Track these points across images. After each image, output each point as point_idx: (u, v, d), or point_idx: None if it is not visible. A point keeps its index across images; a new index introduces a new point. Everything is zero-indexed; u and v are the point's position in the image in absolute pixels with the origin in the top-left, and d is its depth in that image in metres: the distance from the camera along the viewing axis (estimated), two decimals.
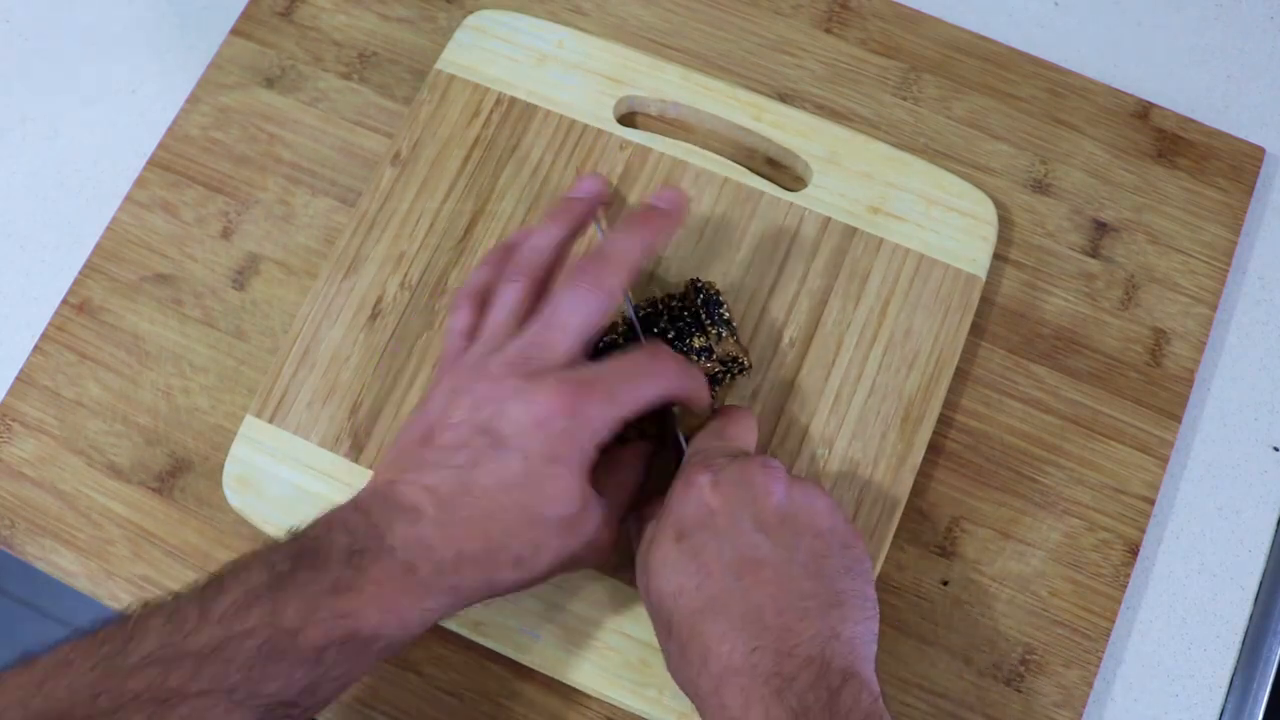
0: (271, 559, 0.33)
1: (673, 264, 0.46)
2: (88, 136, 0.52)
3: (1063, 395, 0.46)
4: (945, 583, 0.44)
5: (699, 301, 0.42)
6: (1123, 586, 0.44)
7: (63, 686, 0.30)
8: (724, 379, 0.42)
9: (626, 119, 0.49)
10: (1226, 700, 0.44)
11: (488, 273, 0.41)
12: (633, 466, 0.40)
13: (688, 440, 0.41)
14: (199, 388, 0.47)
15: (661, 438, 0.42)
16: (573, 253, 0.42)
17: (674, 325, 0.41)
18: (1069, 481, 0.45)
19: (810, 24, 0.51)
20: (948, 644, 0.43)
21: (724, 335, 0.41)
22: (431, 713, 0.43)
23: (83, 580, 0.45)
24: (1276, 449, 0.47)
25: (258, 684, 0.31)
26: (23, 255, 0.50)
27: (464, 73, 0.48)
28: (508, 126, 0.48)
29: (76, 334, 0.48)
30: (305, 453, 0.44)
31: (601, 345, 0.41)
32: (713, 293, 0.42)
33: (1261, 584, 0.45)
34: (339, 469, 0.43)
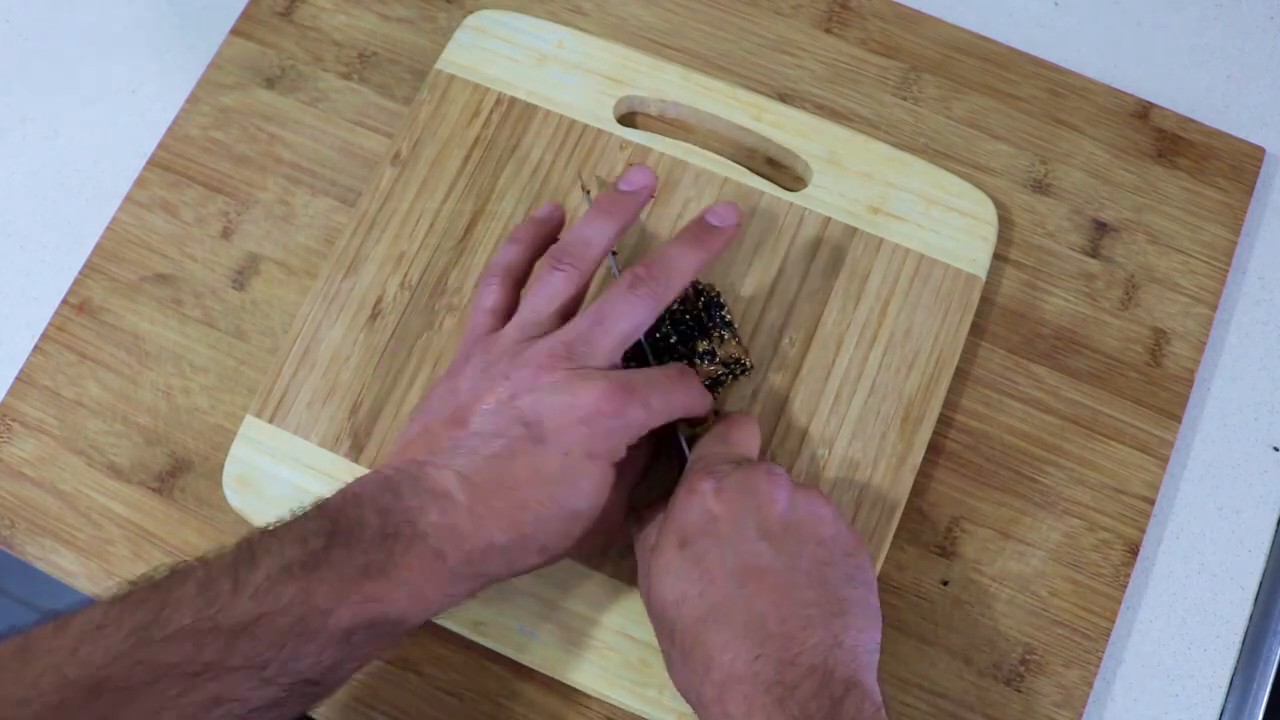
0: (304, 533, 0.33)
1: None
2: (88, 136, 0.52)
3: (1063, 395, 0.46)
4: (945, 583, 0.44)
5: (700, 304, 0.42)
6: (1123, 586, 0.44)
7: (98, 653, 0.30)
8: (726, 380, 0.42)
9: (626, 119, 0.49)
10: (1226, 700, 0.44)
11: (518, 251, 0.41)
12: (641, 447, 0.40)
13: (689, 443, 0.41)
14: (199, 388, 0.47)
15: (662, 436, 0.42)
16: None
17: (676, 329, 0.41)
18: (1069, 481, 0.45)
19: (810, 24, 0.51)
20: (948, 644, 0.43)
21: (726, 337, 0.41)
22: (431, 713, 0.43)
23: (83, 580, 0.45)
24: (1276, 449, 0.47)
25: (288, 662, 0.31)
26: (23, 255, 0.50)
27: (464, 73, 0.48)
28: (508, 126, 0.48)
29: (76, 334, 0.48)
30: (305, 453, 0.44)
31: None
32: (713, 295, 0.42)
33: (1261, 584, 0.45)
34: (339, 469, 0.43)
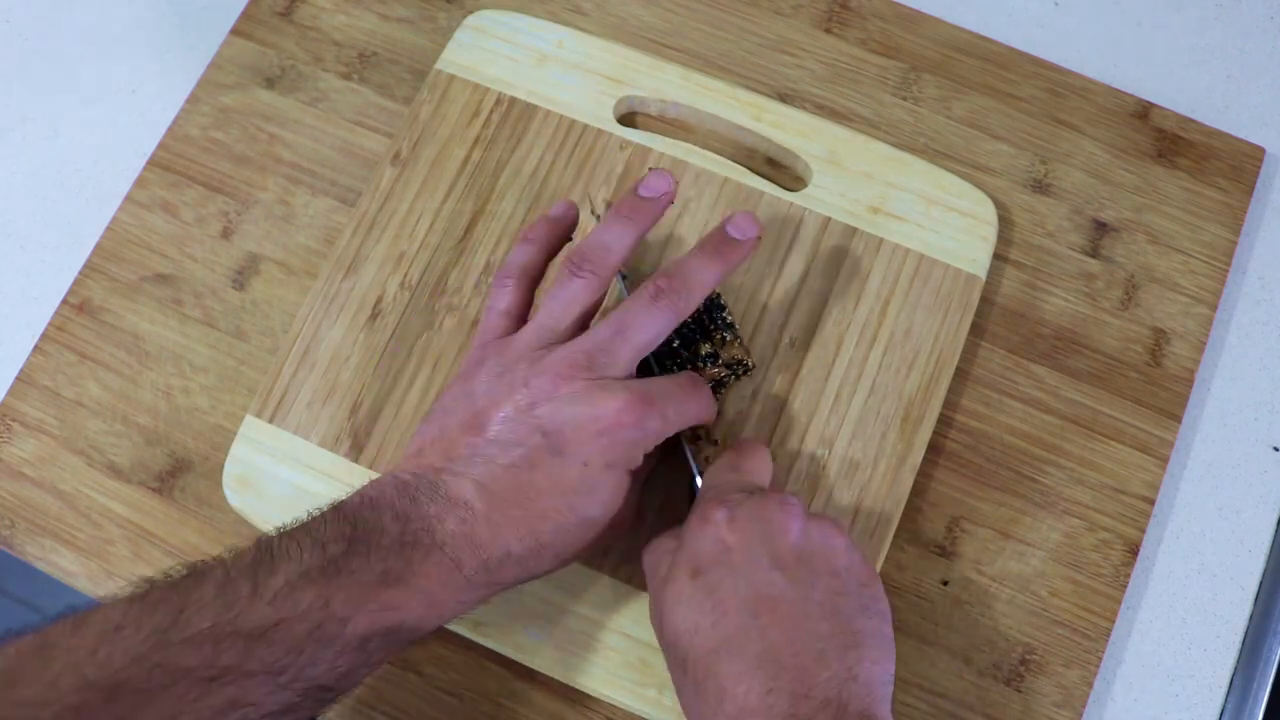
0: (323, 538, 0.33)
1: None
2: (88, 136, 0.52)
3: (1063, 395, 0.46)
4: (945, 583, 0.44)
5: (701, 307, 0.42)
6: (1123, 586, 0.44)
7: (117, 654, 0.30)
8: (729, 381, 0.42)
9: (626, 119, 0.49)
10: (1226, 700, 0.44)
11: (533, 251, 0.40)
12: (653, 453, 0.40)
13: (692, 451, 0.41)
14: (199, 388, 0.47)
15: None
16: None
17: (678, 331, 0.41)
18: (1069, 481, 0.45)
19: (810, 24, 0.51)
20: (948, 644, 0.43)
21: (728, 339, 0.41)
22: (431, 713, 0.43)
23: (83, 580, 0.45)
24: (1276, 449, 0.47)
25: (304, 668, 0.31)
26: (23, 255, 0.50)
27: (464, 73, 0.48)
28: (508, 126, 0.48)
29: (76, 334, 0.48)
30: (305, 453, 0.44)
31: None
32: (714, 296, 0.42)
33: (1261, 584, 0.45)
34: (339, 469, 0.43)
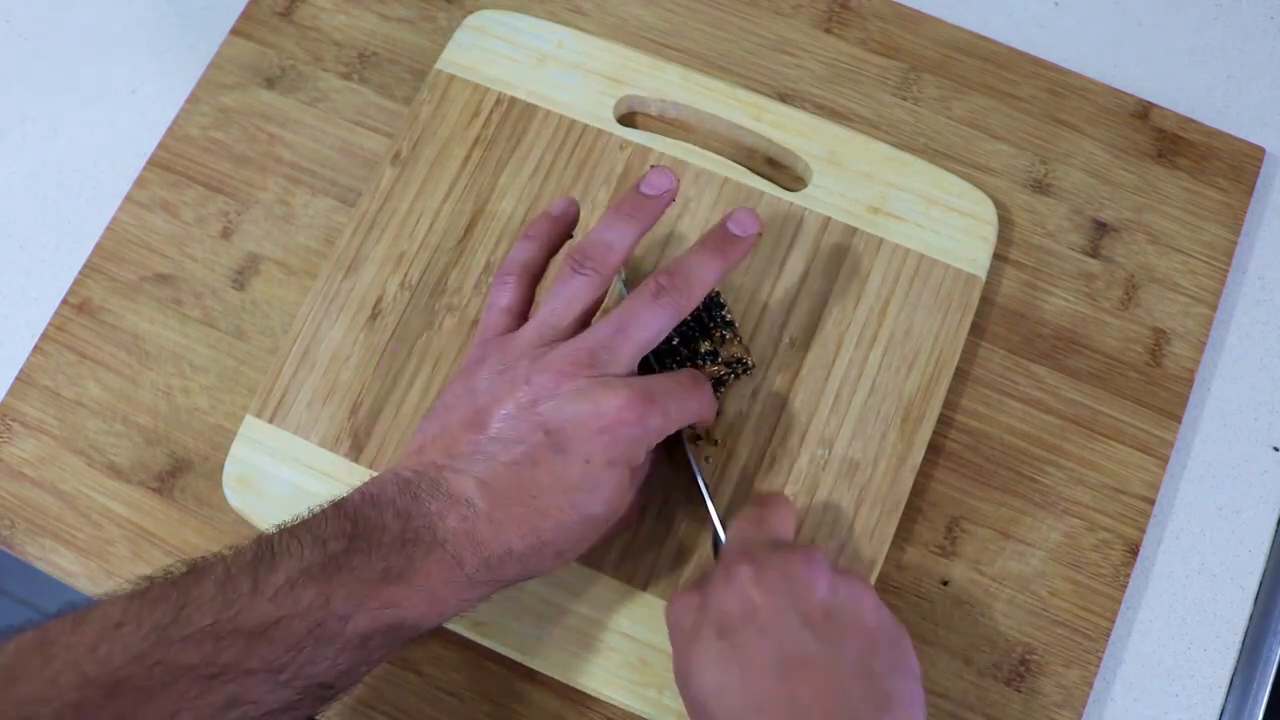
0: (323, 535, 0.33)
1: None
2: (88, 136, 0.52)
3: (1063, 395, 0.46)
4: (945, 583, 0.44)
5: (701, 305, 0.42)
6: (1123, 586, 0.44)
7: (117, 651, 0.30)
8: (729, 380, 0.42)
9: (626, 119, 0.49)
10: (1226, 700, 0.44)
11: (533, 249, 0.40)
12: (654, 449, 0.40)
13: (693, 451, 0.41)
14: (199, 388, 0.47)
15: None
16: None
17: (678, 330, 0.41)
18: (1069, 481, 0.45)
19: (810, 24, 0.51)
20: (948, 644, 0.43)
21: (728, 337, 0.41)
22: (431, 713, 0.43)
23: (83, 580, 0.45)
24: (1276, 449, 0.47)
25: (304, 665, 0.31)
26: (23, 255, 0.50)
27: (464, 73, 0.48)
28: (508, 126, 0.48)
29: (76, 334, 0.48)
30: (305, 453, 0.44)
31: None
32: (714, 295, 0.42)
33: (1261, 584, 0.45)
34: (339, 469, 0.43)
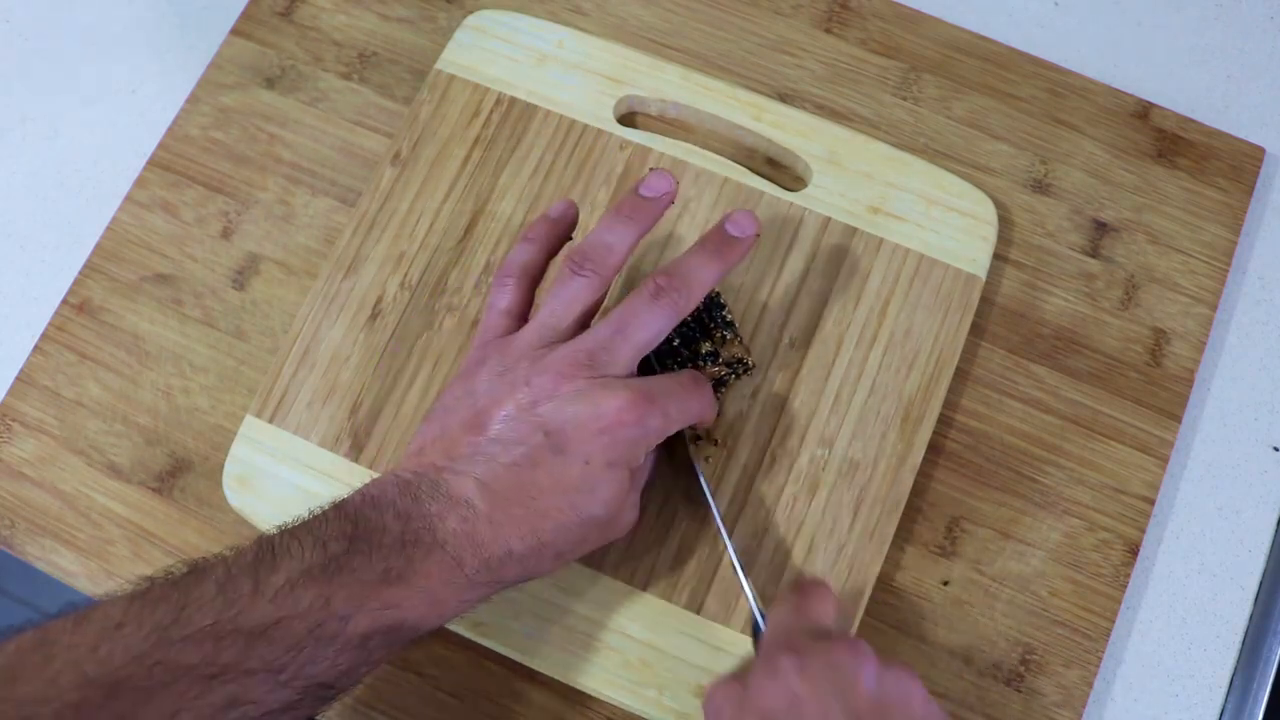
0: (324, 536, 0.33)
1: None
2: (88, 136, 0.52)
3: (1063, 395, 0.46)
4: (945, 583, 0.44)
5: (701, 305, 0.42)
6: (1123, 586, 0.44)
7: (117, 652, 0.30)
8: (729, 380, 0.42)
9: (626, 119, 0.49)
10: (1226, 700, 0.44)
11: (533, 251, 0.40)
12: (655, 450, 0.40)
13: (695, 453, 0.41)
14: (199, 388, 0.47)
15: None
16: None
17: (678, 330, 0.41)
18: (1069, 481, 0.45)
19: (810, 24, 0.51)
20: (948, 644, 0.43)
21: (728, 338, 0.41)
22: (431, 713, 0.43)
23: (83, 580, 0.45)
24: (1276, 449, 0.47)
25: (304, 666, 0.32)
26: (23, 255, 0.50)
27: (464, 73, 0.48)
28: (508, 126, 0.48)
29: (76, 334, 0.48)
30: (305, 453, 0.44)
31: None
32: (714, 295, 0.42)
33: (1261, 584, 0.45)
34: (339, 469, 0.43)
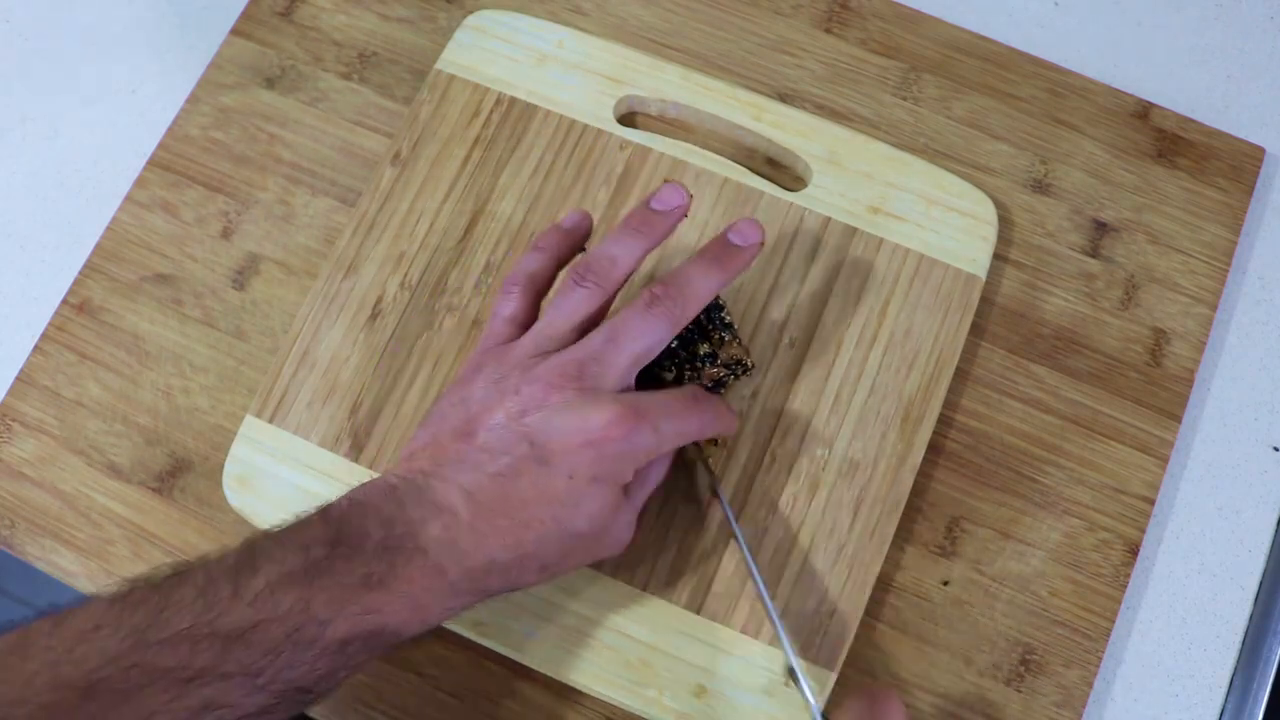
0: (306, 540, 0.33)
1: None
2: (88, 136, 0.52)
3: (1063, 395, 0.46)
4: (945, 583, 0.44)
5: None
6: (1123, 586, 0.44)
7: (94, 654, 0.30)
8: (728, 381, 0.42)
9: (626, 119, 0.49)
10: (1226, 700, 0.44)
11: (542, 260, 0.40)
12: (657, 466, 0.40)
13: (709, 467, 0.41)
14: (199, 388, 0.47)
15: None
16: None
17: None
18: (1069, 481, 0.45)
19: (810, 24, 0.51)
20: (948, 644, 0.43)
21: (726, 339, 0.41)
22: (431, 713, 0.43)
23: (83, 580, 0.45)
24: (1276, 449, 0.47)
25: (282, 670, 0.31)
26: (23, 255, 0.50)
27: (464, 73, 0.48)
28: (508, 126, 0.48)
29: (76, 334, 0.48)
30: (305, 453, 0.44)
31: None
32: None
33: (1261, 584, 0.45)
34: (339, 469, 0.43)
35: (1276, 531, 0.46)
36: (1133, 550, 0.44)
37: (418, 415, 0.44)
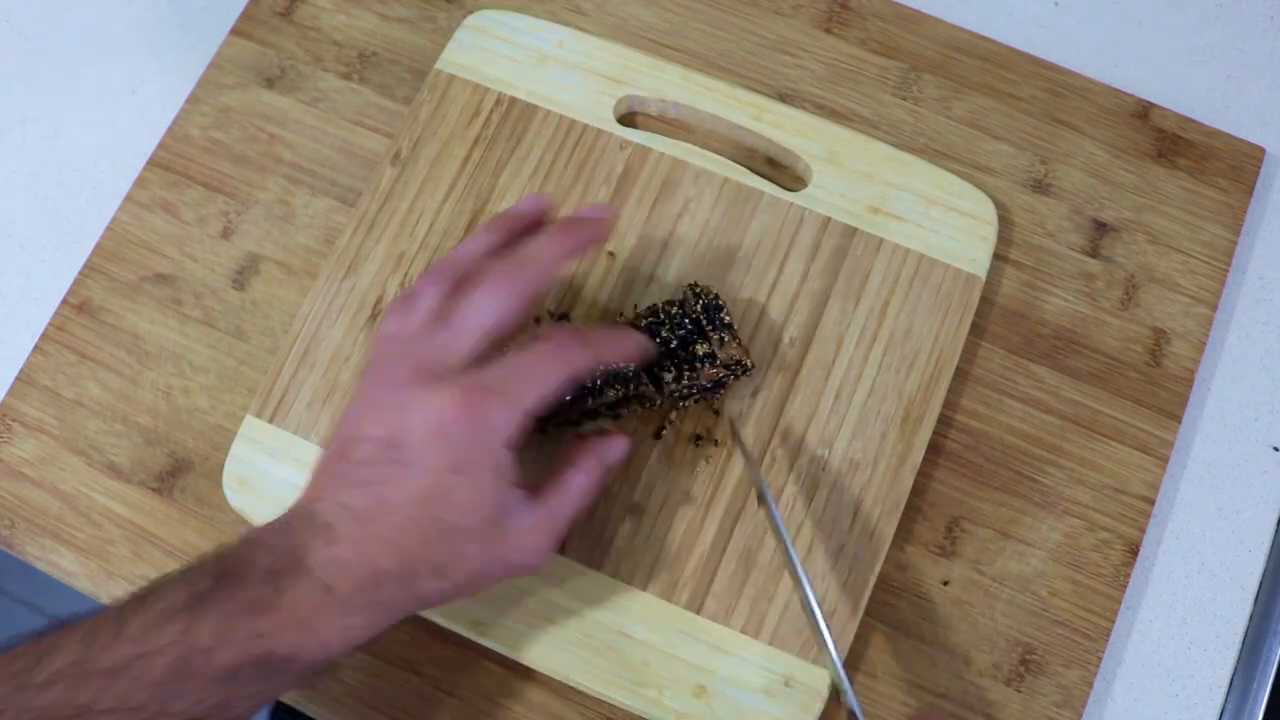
0: (193, 577, 0.33)
1: (674, 264, 0.46)
2: (88, 136, 0.52)
3: (1063, 395, 0.46)
4: (945, 583, 0.44)
5: (699, 308, 0.41)
6: (1123, 586, 0.44)
7: None
8: (728, 381, 0.42)
9: (626, 119, 0.49)
10: (1226, 700, 0.44)
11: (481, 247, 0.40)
12: (583, 466, 0.38)
13: (743, 448, 0.41)
14: (199, 388, 0.47)
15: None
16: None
17: (675, 333, 0.41)
18: (1069, 481, 0.45)
19: (810, 24, 0.51)
20: (948, 644, 0.43)
21: (726, 339, 0.41)
22: (431, 713, 0.43)
23: (83, 580, 0.45)
24: (1276, 449, 0.47)
25: (166, 702, 0.31)
26: (23, 255, 0.50)
27: (464, 73, 0.48)
28: (508, 126, 0.48)
29: (76, 334, 0.48)
30: (305, 453, 0.44)
31: (613, 396, 0.40)
32: (712, 298, 0.42)
33: (1261, 584, 0.45)
34: None
35: (1276, 531, 0.46)
36: (1133, 550, 0.44)
37: None
